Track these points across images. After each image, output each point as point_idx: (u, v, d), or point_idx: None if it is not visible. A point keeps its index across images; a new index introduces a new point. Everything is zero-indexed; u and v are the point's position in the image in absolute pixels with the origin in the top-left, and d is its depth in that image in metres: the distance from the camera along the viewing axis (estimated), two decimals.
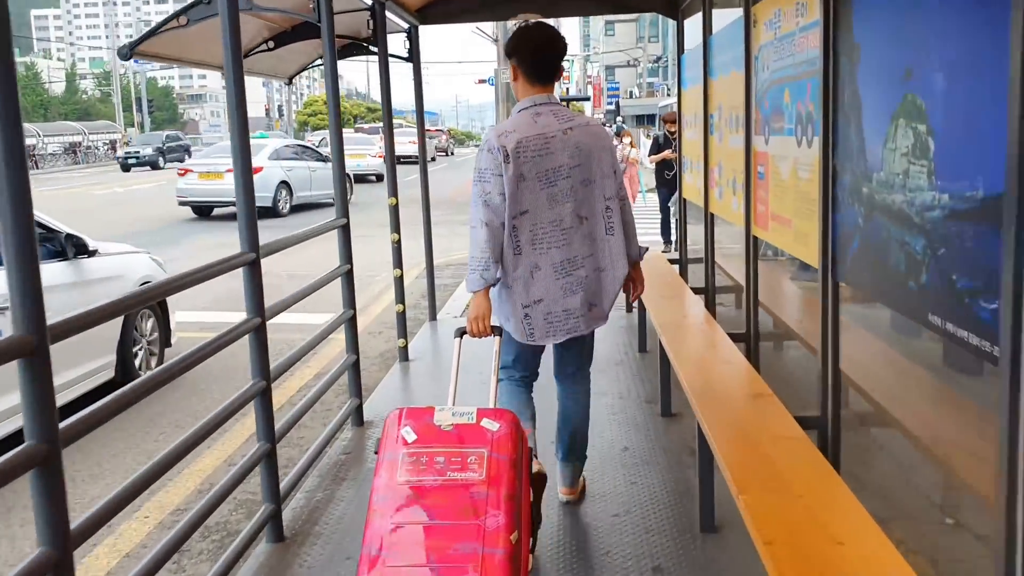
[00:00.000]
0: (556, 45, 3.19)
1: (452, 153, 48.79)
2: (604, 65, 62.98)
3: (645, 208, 15.60)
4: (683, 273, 6.46)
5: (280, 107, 62.01)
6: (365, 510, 3.43)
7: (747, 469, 2.50)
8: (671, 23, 6.74)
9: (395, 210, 5.53)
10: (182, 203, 17.31)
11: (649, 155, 11.68)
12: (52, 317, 1.87)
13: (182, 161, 40.74)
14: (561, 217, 3.08)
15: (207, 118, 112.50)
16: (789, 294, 4.62)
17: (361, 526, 3.31)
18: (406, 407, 2.53)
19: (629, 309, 6.85)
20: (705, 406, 3.05)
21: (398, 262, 5.55)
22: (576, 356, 3.37)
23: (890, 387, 3.13)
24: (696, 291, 5.35)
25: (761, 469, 2.51)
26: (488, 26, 30.82)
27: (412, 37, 6.15)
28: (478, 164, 3.10)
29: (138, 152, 40.08)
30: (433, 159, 41.41)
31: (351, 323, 4.43)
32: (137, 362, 6.00)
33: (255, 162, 17.54)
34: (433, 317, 6.82)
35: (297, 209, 18.14)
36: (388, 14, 5.50)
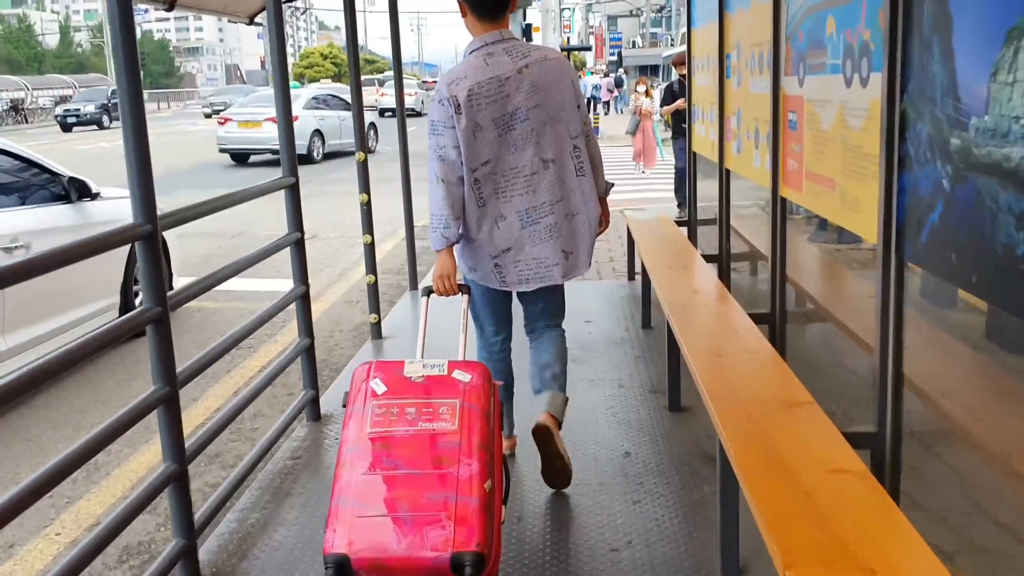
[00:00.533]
0: None
1: None
2: (606, 15, 61.32)
3: (663, 163, 14.75)
4: (692, 237, 5.76)
5: None
6: (309, 535, 2.85)
7: (791, 524, 1.85)
8: None
9: (363, 167, 4.83)
10: (222, 150, 18.53)
11: (661, 106, 10.69)
12: None
13: None
14: (523, 163, 2.88)
15: (204, 71, 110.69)
16: (819, 264, 3.94)
17: (304, 558, 2.71)
18: (375, 360, 2.44)
19: (631, 277, 6.17)
20: (728, 419, 2.38)
21: (368, 227, 4.86)
22: (548, 308, 3.20)
23: (939, 378, 2.48)
24: (708, 259, 4.66)
25: (810, 523, 1.85)
26: None
27: None
28: (431, 116, 2.91)
29: (78, 110, 34.21)
30: None
31: (303, 301, 3.76)
32: (138, 302, 5.81)
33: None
34: (414, 286, 6.12)
35: (329, 156, 18.97)
36: None
